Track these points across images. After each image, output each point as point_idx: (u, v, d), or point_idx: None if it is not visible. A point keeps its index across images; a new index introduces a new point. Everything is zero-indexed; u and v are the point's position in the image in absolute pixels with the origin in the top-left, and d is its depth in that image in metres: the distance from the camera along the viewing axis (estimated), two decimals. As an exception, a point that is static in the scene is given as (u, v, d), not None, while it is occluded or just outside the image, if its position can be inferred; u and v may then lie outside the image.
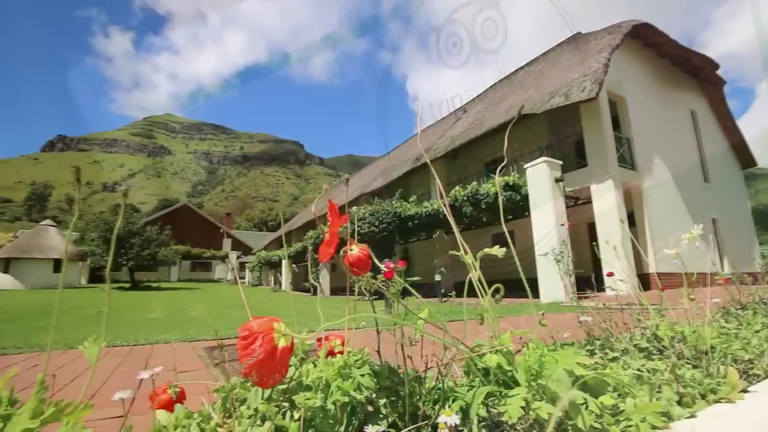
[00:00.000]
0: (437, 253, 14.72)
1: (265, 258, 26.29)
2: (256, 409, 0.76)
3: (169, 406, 0.88)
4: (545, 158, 8.91)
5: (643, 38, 12.06)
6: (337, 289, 18.14)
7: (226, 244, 41.28)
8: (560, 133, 12.13)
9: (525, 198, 9.43)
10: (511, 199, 9.64)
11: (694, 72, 13.75)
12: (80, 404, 0.60)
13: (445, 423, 0.63)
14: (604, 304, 1.97)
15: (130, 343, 3.54)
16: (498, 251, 1.01)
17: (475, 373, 0.95)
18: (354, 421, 0.82)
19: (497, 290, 0.96)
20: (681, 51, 12.50)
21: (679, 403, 0.99)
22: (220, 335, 3.91)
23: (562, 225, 8.01)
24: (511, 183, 9.70)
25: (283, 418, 0.77)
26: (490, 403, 0.84)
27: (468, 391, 0.91)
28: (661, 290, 2.05)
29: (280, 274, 24.33)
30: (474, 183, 10.67)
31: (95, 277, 30.54)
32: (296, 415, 0.78)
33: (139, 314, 7.47)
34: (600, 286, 7.28)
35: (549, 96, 10.42)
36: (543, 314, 1.18)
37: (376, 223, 12.17)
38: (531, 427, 0.83)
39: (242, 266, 36.40)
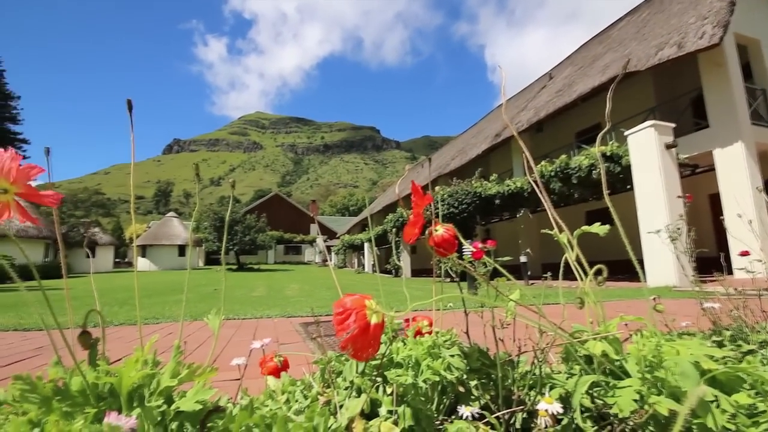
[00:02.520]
0: (522, 234, 13.95)
1: (348, 241, 27.65)
2: (351, 382, 0.81)
3: (275, 373, 0.99)
4: (653, 122, 7.74)
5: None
6: (417, 271, 18.37)
7: (313, 229, 44.31)
8: (672, 91, 10.41)
9: (626, 169, 8.35)
10: (610, 171, 8.62)
11: None
12: (207, 367, 0.69)
13: (546, 410, 0.60)
14: (736, 289, 1.67)
15: (240, 317, 4.03)
16: (600, 229, 0.91)
17: (574, 360, 0.88)
18: (445, 400, 0.82)
19: (599, 271, 0.86)
20: None
21: None
22: (314, 313, 4.25)
23: (679, 197, 6.94)
24: (608, 153, 8.66)
25: (377, 391, 0.80)
26: (594, 394, 0.77)
27: (567, 379, 0.85)
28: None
29: (363, 257, 25.40)
30: (563, 156, 9.75)
31: (209, 260, 35.36)
32: (389, 390, 0.80)
33: (245, 292, 8.46)
34: (728, 268, 6.18)
35: (656, 48, 8.96)
36: (656, 299, 1.04)
37: (455, 204, 11.91)
38: (645, 423, 0.75)
39: (328, 249, 38.90)
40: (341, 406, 0.73)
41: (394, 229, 15.72)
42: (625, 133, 8.26)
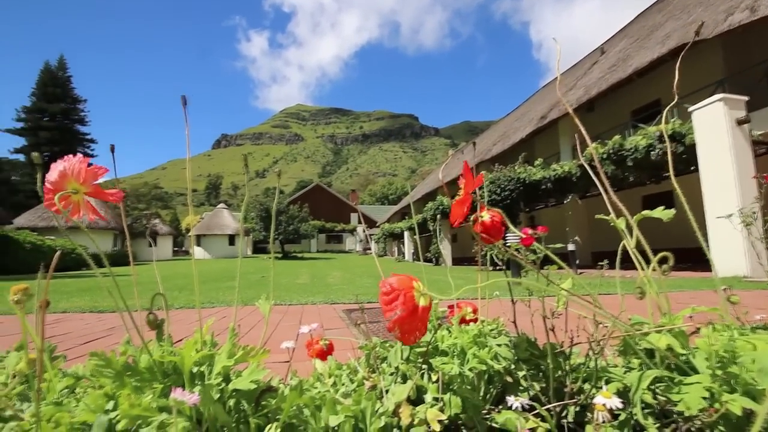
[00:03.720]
0: (569, 221, 13.29)
1: (388, 230, 27.81)
2: (396, 368, 0.81)
3: (322, 356, 1.02)
4: (722, 95, 6.98)
5: None
6: (458, 260, 18.14)
7: (354, 218, 44.98)
8: (743, 61, 9.31)
9: (690, 149, 7.63)
10: (671, 152, 7.93)
11: None
12: (260, 349, 0.73)
13: (604, 405, 0.56)
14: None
15: (286, 303, 4.20)
16: (664, 213, 0.84)
17: (632, 354, 0.83)
18: (492, 389, 0.80)
19: (664, 259, 0.79)
20: None
21: None
22: (358, 300, 4.34)
23: (755, 178, 6.26)
24: (670, 132, 7.95)
25: (422, 378, 0.80)
26: (657, 389, 0.72)
27: (625, 373, 0.80)
28: None
29: (403, 245, 25.47)
30: (617, 137, 9.09)
31: (256, 248, 37.14)
32: (434, 377, 0.80)
33: (290, 279, 8.81)
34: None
35: (725, 13, 8.03)
36: (727, 289, 0.94)
37: (497, 191, 11.55)
38: (715, 423, 0.69)
39: (368, 238, 39.41)
40: (387, 391, 0.74)
41: (439, 216, 15.58)
42: (690, 109, 7.53)
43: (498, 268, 1.09)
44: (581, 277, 0.82)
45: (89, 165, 0.71)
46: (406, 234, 23.55)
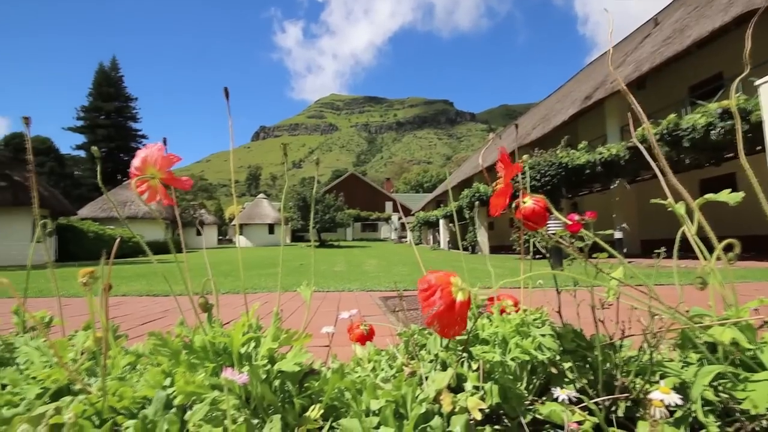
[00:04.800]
0: (616, 207, 12.56)
1: (423, 218, 27.66)
2: (436, 355, 0.81)
3: (361, 341, 1.04)
4: (797, 65, 6.24)
5: None
6: (495, 248, 17.74)
7: (388, 206, 45.11)
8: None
9: (755, 126, 6.92)
10: (733, 131, 7.23)
11: None
12: (302, 333, 0.75)
13: (662, 401, 0.53)
14: None
15: (324, 289, 4.32)
16: (730, 197, 0.76)
17: (691, 348, 0.77)
18: (535, 380, 0.78)
19: (729, 247, 0.73)
20: None
21: None
22: (392, 288, 4.37)
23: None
24: (732, 109, 7.23)
25: (462, 366, 0.79)
26: (719, 386, 0.67)
27: (682, 368, 0.75)
28: None
29: (438, 233, 25.27)
30: (672, 115, 8.40)
31: (294, 237, 38.30)
32: (474, 366, 0.79)
33: (327, 267, 9.03)
34: None
35: (807, -30, 7.10)
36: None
37: (537, 177, 11.10)
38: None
39: (403, 227, 39.43)
40: (426, 378, 0.74)
41: (477, 203, 15.29)
42: (756, 83, 6.80)
43: (538, 257, 1.04)
44: (633, 267, 0.77)
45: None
46: (441, 222, 23.33)
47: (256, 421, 0.65)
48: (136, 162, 0.72)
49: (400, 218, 40.71)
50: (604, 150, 10.44)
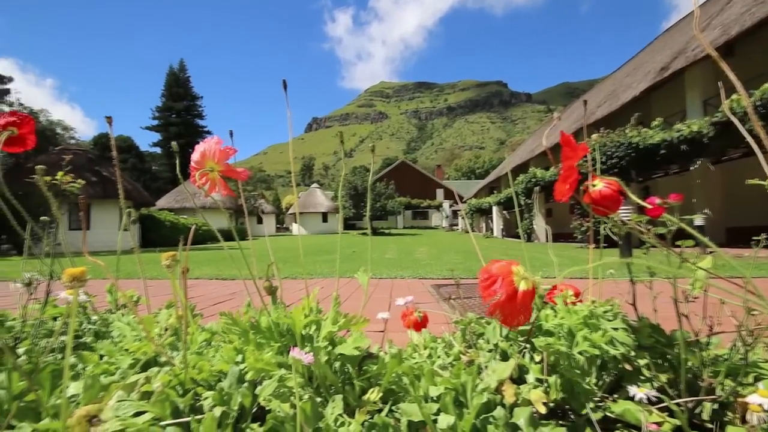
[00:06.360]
0: (697, 191, 11.28)
1: (475, 205, 26.94)
2: (495, 345, 0.79)
3: (416, 327, 1.04)
4: None
5: None
6: (553, 236, 16.81)
7: (439, 194, 44.49)
8: None
9: None
10: None
11: None
12: (360, 318, 0.77)
13: (761, 405, 0.47)
14: None
15: (377, 276, 4.39)
16: None
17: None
18: (605, 376, 0.73)
19: None
20: None
21: None
22: (444, 276, 4.34)
23: None
24: None
25: (523, 357, 0.76)
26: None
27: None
28: None
29: (491, 221, 24.51)
30: (767, 84, 7.28)
31: (346, 225, 39.31)
32: (536, 358, 0.76)
33: (378, 254, 9.16)
34: None
35: None
36: None
37: (603, 159, 10.27)
38: None
39: (454, 214, 38.75)
40: (486, 368, 0.72)
41: (537, 188, 14.58)
42: None
43: (604, 245, 0.96)
44: (721, 256, 0.68)
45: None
46: (494, 209, 22.57)
47: (319, 400, 0.68)
48: (195, 156, 0.77)
49: (451, 205, 40.04)
50: (684, 127, 9.35)
